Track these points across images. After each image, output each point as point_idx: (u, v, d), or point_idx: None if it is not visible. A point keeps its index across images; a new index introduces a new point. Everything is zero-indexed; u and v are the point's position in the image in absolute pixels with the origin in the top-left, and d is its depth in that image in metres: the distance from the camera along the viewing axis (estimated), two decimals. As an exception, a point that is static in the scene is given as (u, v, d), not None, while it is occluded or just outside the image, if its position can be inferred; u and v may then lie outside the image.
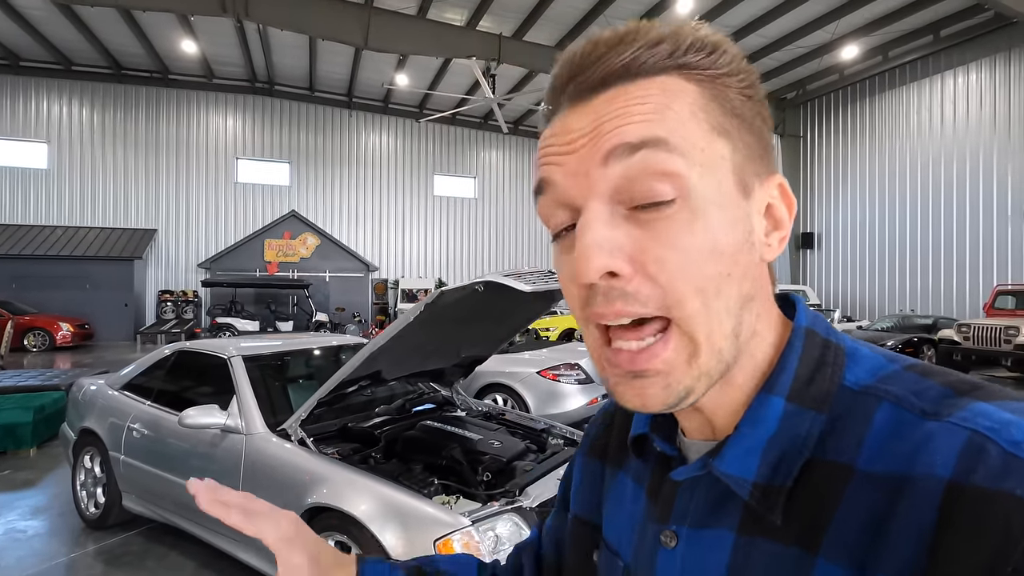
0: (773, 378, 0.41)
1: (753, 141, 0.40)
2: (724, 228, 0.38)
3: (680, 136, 0.37)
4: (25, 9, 13.77)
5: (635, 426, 0.51)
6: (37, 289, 15.21)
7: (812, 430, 0.39)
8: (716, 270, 0.37)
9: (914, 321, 12.28)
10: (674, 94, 0.38)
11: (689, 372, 0.38)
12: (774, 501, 0.38)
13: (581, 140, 0.38)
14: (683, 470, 0.44)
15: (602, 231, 0.37)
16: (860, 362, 0.41)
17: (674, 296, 0.37)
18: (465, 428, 3.15)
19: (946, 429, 0.34)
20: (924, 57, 14.54)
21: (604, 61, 0.38)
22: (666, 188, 0.36)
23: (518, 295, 2.54)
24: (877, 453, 0.36)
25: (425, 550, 2.17)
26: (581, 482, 0.60)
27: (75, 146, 17.58)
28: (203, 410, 2.85)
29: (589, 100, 0.39)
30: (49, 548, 3.41)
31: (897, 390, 0.38)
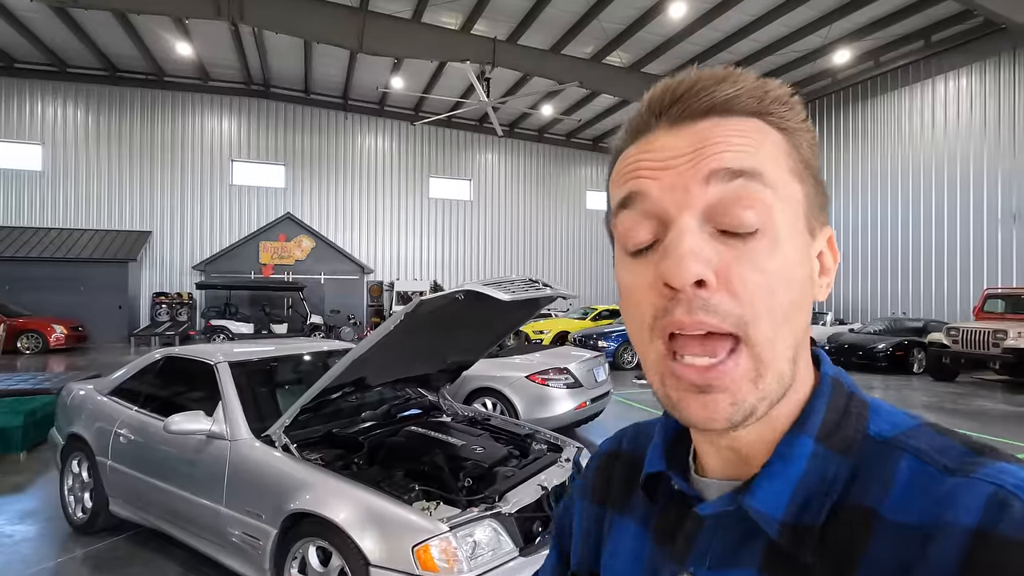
0: (803, 419, 0.43)
1: (815, 192, 0.44)
2: (796, 262, 0.41)
3: (771, 172, 0.40)
4: (19, 11, 13.77)
5: (649, 464, 0.51)
6: (31, 291, 15.18)
7: (839, 473, 0.41)
8: (789, 298, 0.40)
9: (905, 324, 12.38)
10: (764, 134, 0.42)
11: (754, 392, 0.39)
12: (804, 540, 0.39)
13: (680, 159, 0.41)
14: (709, 505, 0.44)
15: (696, 240, 0.39)
16: (882, 415, 0.44)
17: (752, 314, 0.38)
18: (449, 434, 3.19)
19: (972, 484, 0.36)
20: (915, 62, 14.66)
21: (709, 93, 0.41)
22: (753, 217, 0.39)
23: (499, 303, 2.59)
24: (903, 503, 0.38)
25: (404, 556, 2.21)
26: (581, 532, 0.59)
27: (69, 148, 17.56)
28: (188, 416, 2.88)
29: (691, 124, 0.42)
30: (36, 553, 3.42)
31: (920, 444, 0.40)
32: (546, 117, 20.20)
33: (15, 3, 13.23)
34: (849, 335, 12.48)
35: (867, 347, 11.43)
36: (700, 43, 14.31)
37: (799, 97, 0.44)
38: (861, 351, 11.46)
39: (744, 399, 0.39)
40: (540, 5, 12.88)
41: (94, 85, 17.66)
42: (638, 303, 0.42)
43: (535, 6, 13.01)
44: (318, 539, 2.43)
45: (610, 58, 15.29)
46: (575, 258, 23.51)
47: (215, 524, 2.83)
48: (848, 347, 11.75)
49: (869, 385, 10.01)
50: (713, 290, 0.38)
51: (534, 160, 22.83)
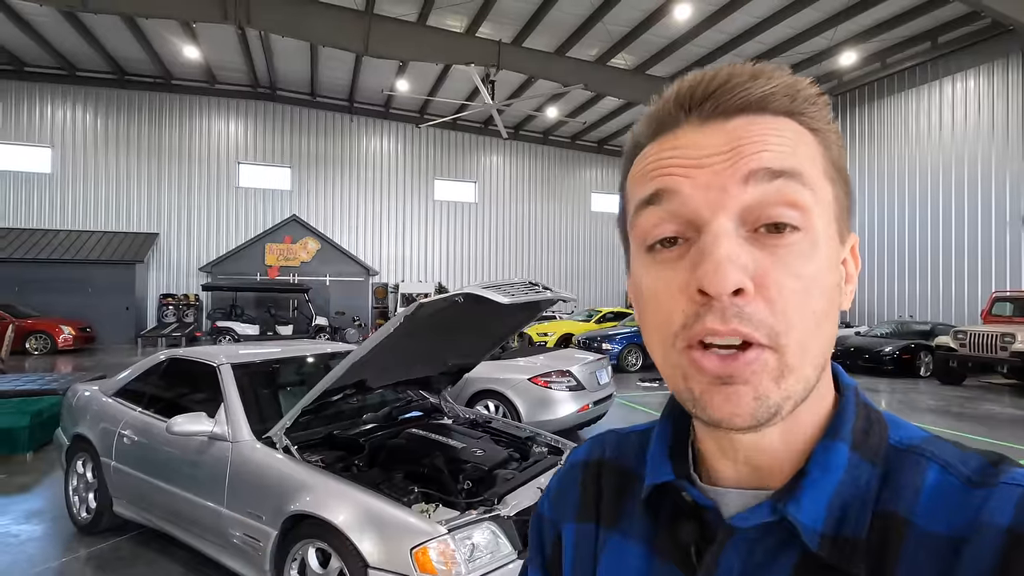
0: (836, 426, 0.42)
1: (844, 196, 0.42)
2: (830, 267, 0.39)
3: (810, 174, 0.39)
4: (30, 15, 13.93)
5: (653, 473, 0.47)
6: (40, 293, 15.32)
7: (871, 482, 0.40)
8: (822, 305, 0.38)
9: (912, 327, 12.29)
10: (799, 133, 0.40)
11: (777, 390, 0.38)
12: (850, 553, 0.38)
13: (716, 157, 0.39)
14: (747, 515, 0.41)
15: (733, 246, 0.37)
16: (900, 424, 0.44)
17: (785, 325, 0.37)
18: (449, 436, 3.20)
19: (998, 490, 0.36)
20: (922, 64, 14.58)
21: (744, 89, 0.40)
22: (793, 217, 0.38)
23: (499, 306, 2.59)
24: (933, 513, 0.37)
25: (402, 558, 2.22)
26: (576, 555, 0.53)
27: (79, 151, 17.73)
28: (191, 417, 2.90)
29: (724, 121, 0.40)
30: (41, 553, 3.45)
31: (943, 454, 0.40)
32: (551, 119, 20.22)
33: (26, 7, 13.38)
34: (855, 338, 12.40)
35: (873, 350, 11.35)
36: (705, 45, 14.29)
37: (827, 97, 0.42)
38: (867, 354, 11.39)
39: (767, 395, 0.37)
40: (545, 8, 12.91)
41: (103, 88, 17.83)
42: (663, 308, 0.40)
43: (540, 9, 13.04)
44: (317, 541, 2.44)
45: (615, 60, 15.29)
46: (580, 260, 23.49)
47: (216, 525, 2.84)
48: (854, 350, 11.68)
49: (875, 389, 9.94)
50: (750, 298, 0.37)
51: (539, 162, 22.84)
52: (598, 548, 0.51)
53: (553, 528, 0.56)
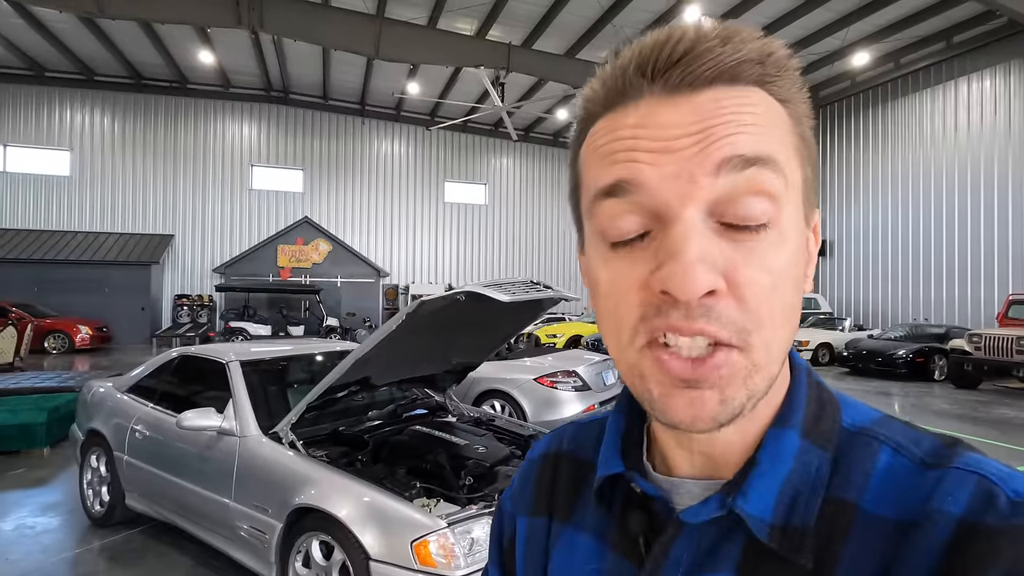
0: (785, 413, 0.40)
1: (812, 173, 0.39)
2: (797, 256, 0.37)
3: (782, 157, 0.36)
4: (50, 22, 14.26)
5: (604, 465, 0.46)
6: (58, 293, 15.64)
7: (822, 468, 0.39)
8: (791, 299, 0.37)
9: (926, 330, 12.13)
10: (773, 109, 0.36)
11: (743, 389, 0.36)
12: (798, 543, 0.37)
13: (685, 140, 0.35)
14: (696, 510, 0.40)
15: (704, 244, 0.34)
16: (851, 405, 0.42)
17: (755, 322, 0.35)
18: (453, 433, 3.24)
19: (954, 474, 0.35)
20: (937, 64, 14.42)
21: (714, 56, 0.35)
22: (764, 209, 0.35)
23: (502, 305, 2.63)
24: (882, 497, 0.37)
25: (403, 551, 2.26)
26: (527, 550, 0.53)
27: (96, 154, 18.09)
28: (200, 413, 2.97)
29: (693, 94, 0.35)
30: (56, 544, 3.55)
31: (896, 436, 0.39)
32: (561, 121, 20.25)
33: (46, 14, 13.69)
34: (868, 341, 12.27)
35: (886, 353, 11.22)
36: (715, 46, 14.23)
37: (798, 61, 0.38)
38: (880, 357, 11.26)
39: (733, 397, 0.35)
40: (555, 10, 12.96)
41: (120, 93, 18.18)
42: (622, 303, 0.37)
43: (549, 11, 13.10)
44: (321, 533, 2.49)
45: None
46: (590, 262, 23.41)
47: (224, 518, 2.91)
48: (867, 353, 11.55)
49: (888, 392, 9.83)
50: (719, 297, 0.34)
51: (549, 164, 22.88)
52: (550, 543, 0.51)
53: (511, 522, 0.56)
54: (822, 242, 17.16)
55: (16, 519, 3.90)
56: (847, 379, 11.23)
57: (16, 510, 4.06)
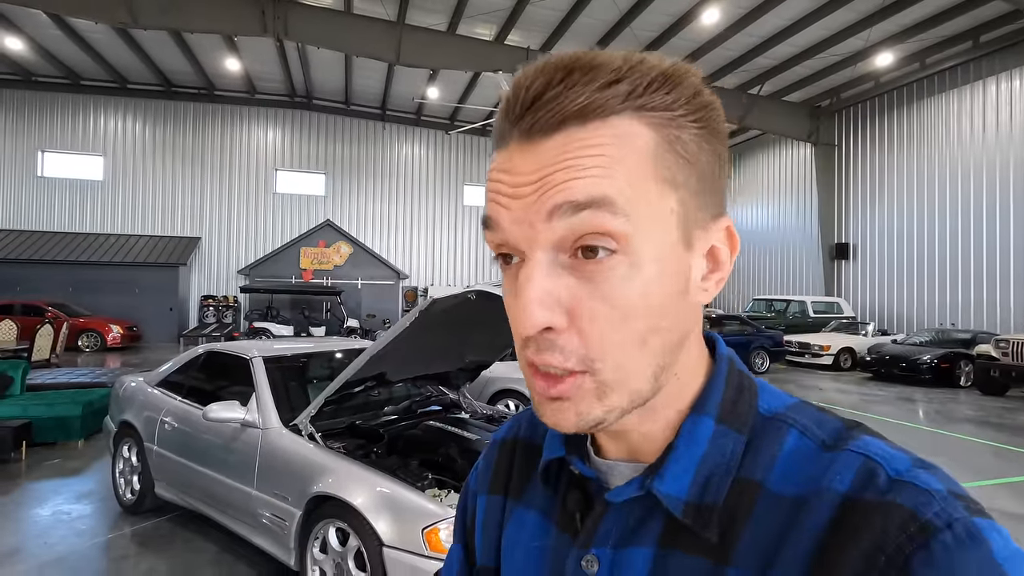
0: (702, 401, 0.44)
1: (702, 187, 0.40)
2: (659, 282, 0.39)
3: (627, 195, 0.37)
4: (86, 32, 14.84)
5: (548, 449, 0.51)
6: (91, 293, 16.20)
7: (736, 450, 0.42)
8: (645, 325, 0.39)
9: (952, 335, 11.87)
10: (628, 141, 0.37)
11: (599, 406, 0.40)
12: (707, 519, 0.41)
13: (527, 187, 0.38)
14: (620, 491, 0.44)
15: (543, 283, 0.38)
16: (769, 391, 0.46)
17: (598, 352, 0.38)
18: (465, 429, 3.34)
19: (845, 456, 0.39)
20: (964, 63, 14.11)
21: (558, 102, 0.37)
22: (608, 245, 0.37)
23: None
24: (786, 477, 0.40)
25: (414, 538, 2.36)
26: (483, 525, 0.57)
27: (128, 159, 18.71)
28: (225, 406, 3.12)
29: (539, 143, 0.38)
30: (90, 529, 3.75)
31: (803, 420, 0.43)
32: (580, 125, 20.23)
33: (82, 25, 14.25)
34: (891, 346, 12.05)
35: (910, 358, 11.01)
36: (735, 48, 14.17)
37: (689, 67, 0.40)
38: (904, 362, 11.05)
39: (589, 411, 0.40)
40: (573, 14, 13.03)
41: (151, 100, 18.79)
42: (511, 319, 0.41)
43: (568, 15, 13.17)
44: (338, 520, 2.61)
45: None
46: (608, 265, 23.37)
47: (247, 506, 3.05)
48: (890, 358, 11.35)
49: (912, 398, 9.65)
50: (561, 332, 0.38)
51: (568, 167, 22.87)
52: (504, 518, 0.55)
53: (473, 500, 0.60)
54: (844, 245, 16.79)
55: (53, 506, 4.12)
56: (869, 384, 11.05)
57: (53, 497, 4.28)
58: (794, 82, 15.92)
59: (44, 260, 16.19)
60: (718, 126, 0.41)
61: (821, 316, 15.41)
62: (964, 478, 5.19)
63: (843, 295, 17.19)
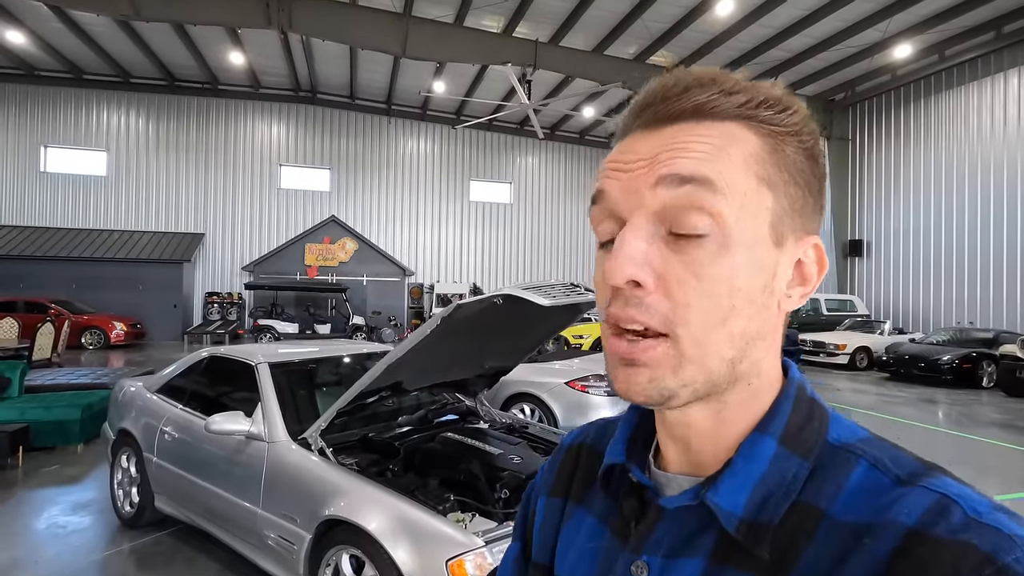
0: (767, 420, 0.44)
1: (799, 197, 0.43)
2: (746, 268, 0.41)
3: (726, 179, 0.40)
4: (89, 26, 14.61)
5: (609, 454, 0.52)
6: (94, 290, 16.04)
7: (799, 474, 0.42)
8: (728, 303, 0.41)
9: (973, 334, 11.58)
10: (734, 140, 0.41)
11: (673, 377, 0.41)
12: (761, 537, 0.40)
13: (640, 163, 0.42)
14: (674, 499, 0.45)
15: (639, 243, 0.41)
16: (841, 423, 0.45)
17: (681, 316, 0.40)
18: (486, 442, 3.11)
19: (918, 491, 0.38)
20: (985, 55, 13.75)
21: (680, 99, 0.42)
22: (704, 222, 0.40)
23: (539, 309, 2.49)
24: (851, 506, 0.39)
25: (437, 569, 2.13)
26: (541, 524, 0.59)
27: (131, 154, 18.52)
28: (228, 416, 2.89)
29: (658, 130, 0.43)
30: (85, 545, 3.53)
31: (875, 452, 0.42)
32: (587, 119, 19.99)
33: (84, 18, 14.04)
34: (909, 345, 11.76)
35: (930, 358, 10.73)
36: (749, 40, 13.85)
37: (797, 98, 0.44)
38: (923, 363, 10.77)
39: (662, 379, 0.41)
40: (583, 6, 12.74)
41: (154, 94, 18.58)
42: (599, 290, 0.45)
43: (577, 7, 12.88)
44: (351, 547, 2.38)
45: (654, 58, 14.98)
46: (616, 262, 23.12)
47: (253, 525, 2.83)
48: (909, 358, 11.07)
49: (933, 399, 9.38)
50: (649, 291, 0.41)
51: (575, 162, 22.63)
52: (562, 520, 0.56)
53: (535, 500, 0.62)
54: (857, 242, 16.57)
55: (48, 518, 3.91)
56: (887, 385, 10.78)
57: (49, 508, 4.08)
58: (808, 75, 15.59)
59: (47, 256, 16.04)
60: (818, 154, 0.45)
61: (835, 314, 15.13)
62: (995, 487, 4.95)
63: (857, 293, 16.89)
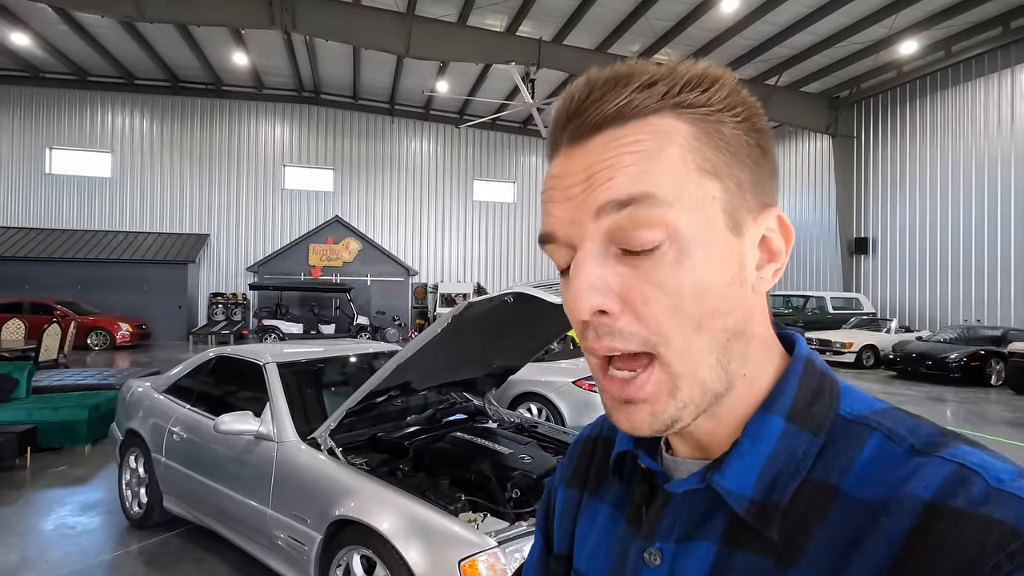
0: (772, 399, 0.43)
1: (746, 176, 0.41)
2: (710, 267, 0.39)
3: (668, 186, 0.38)
4: (93, 27, 14.64)
5: (619, 443, 0.52)
6: (100, 291, 16.08)
7: (809, 451, 0.41)
8: (700, 309, 0.39)
9: (980, 332, 11.51)
10: (665, 137, 0.39)
11: (673, 403, 0.40)
12: (770, 518, 0.39)
13: (576, 188, 0.40)
14: (681, 483, 0.44)
15: (594, 270, 0.39)
16: (854, 395, 0.43)
17: (657, 334, 0.39)
18: (495, 441, 3.08)
19: (935, 462, 0.36)
20: (992, 51, 13.63)
21: (599, 105, 0.40)
22: (654, 235, 0.38)
23: (549, 306, 2.46)
24: (864, 480, 0.38)
25: (449, 570, 2.11)
26: (561, 515, 0.59)
27: (136, 155, 18.56)
28: (237, 416, 2.88)
29: (584, 144, 0.41)
30: (94, 545, 3.53)
31: (890, 424, 0.40)
32: (591, 118, 19.90)
33: (88, 20, 14.06)
34: (917, 343, 11.69)
35: (937, 356, 10.66)
36: (753, 38, 13.78)
37: (724, 70, 0.41)
38: (930, 360, 10.70)
39: (664, 410, 0.40)
40: (586, 4, 12.69)
41: (158, 96, 18.61)
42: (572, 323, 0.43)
43: (581, 5, 12.84)
44: (362, 547, 2.36)
45: (658, 56, 14.92)
46: (620, 261, 23.09)
47: (262, 526, 2.82)
48: (916, 356, 11.00)
49: (941, 398, 9.33)
50: (617, 316, 0.39)
51: (578, 162, 22.57)
52: (579, 511, 0.57)
53: (555, 492, 0.62)
54: (863, 239, 16.46)
55: (57, 518, 3.91)
56: (895, 383, 10.71)
57: (57, 508, 4.08)
58: (813, 72, 15.51)
59: (53, 258, 16.09)
60: (758, 121, 0.42)
61: (840, 312, 15.05)
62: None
63: (862, 291, 16.80)
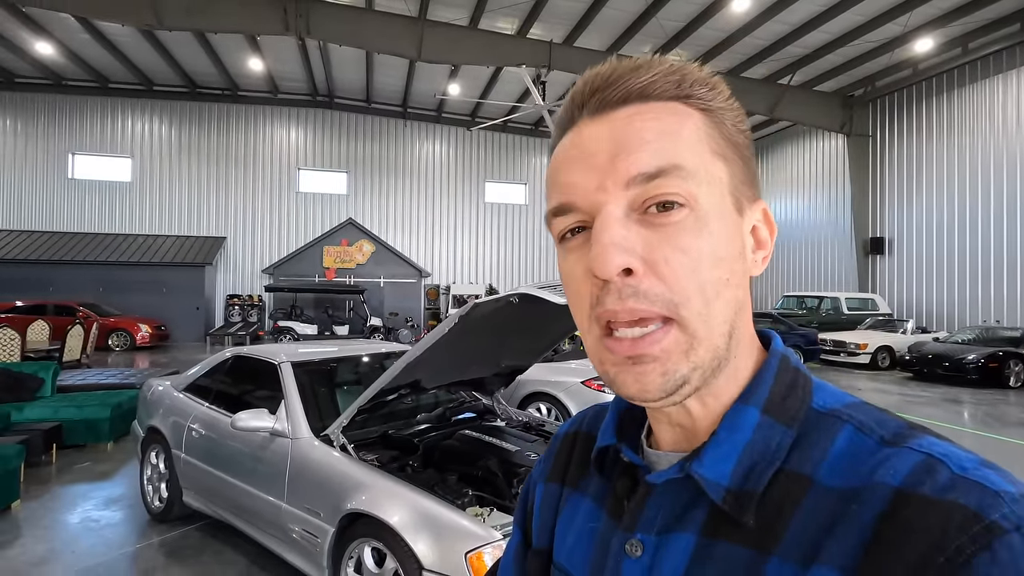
0: (749, 391, 0.44)
1: (742, 168, 0.45)
2: (724, 238, 0.42)
3: (690, 159, 0.41)
4: (114, 36, 15.02)
5: (601, 437, 0.53)
6: (120, 293, 16.46)
7: (783, 442, 0.42)
8: (717, 274, 0.41)
9: (999, 333, 11.33)
10: (685, 116, 0.43)
11: (686, 362, 0.40)
12: (746, 506, 0.41)
13: (601, 156, 0.42)
14: (660, 473, 0.45)
15: (619, 230, 0.40)
16: (826, 390, 0.46)
17: (681, 295, 0.40)
18: (503, 439, 3.16)
19: (903, 452, 0.38)
20: (1010, 47, 13.42)
21: (624, 81, 0.43)
22: (677, 199, 0.41)
23: (554, 307, 2.53)
24: (837, 470, 0.39)
25: (457, 562, 2.19)
26: (541, 509, 0.60)
27: (155, 160, 18.96)
28: (253, 414, 2.98)
29: (610, 114, 0.43)
30: (118, 538, 3.66)
31: (861, 416, 0.42)
32: (602, 119, 19.90)
33: (109, 28, 14.43)
34: (933, 344, 11.54)
35: (954, 358, 10.52)
36: (765, 37, 13.71)
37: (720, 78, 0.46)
38: (947, 362, 10.57)
39: (676, 369, 0.40)
40: (597, 6, 12.73)
41: (177, 101, 19.00)
42: (577, 291, 0.43)
43: (592, 7, 12.88)
44: (373, 540, 2.45)
45: (669, 57, 14.89)
46: (632, 262, 23.04)
47: (277, 519, 2.92)
48: (932, 357, 10.86)
49: (959, 399, 9.20)
50: (641, 276, 0.40)
51: (590, 163, 22.58)
52: (560, 505, 0.57)
53: (534, 488, 0.63)
54: (879, 239, 16.24)
55: (82, 512, 4.05)
56: (910, 384, 10.59)
57: (82, 503, 4.23)
58: (826, 71, 15.38)
59: (75, 261, 16.49)
60: (746, 127, 0.46)
61: (855, 313, 14.89)
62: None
63: (878, 291, 16.60)
